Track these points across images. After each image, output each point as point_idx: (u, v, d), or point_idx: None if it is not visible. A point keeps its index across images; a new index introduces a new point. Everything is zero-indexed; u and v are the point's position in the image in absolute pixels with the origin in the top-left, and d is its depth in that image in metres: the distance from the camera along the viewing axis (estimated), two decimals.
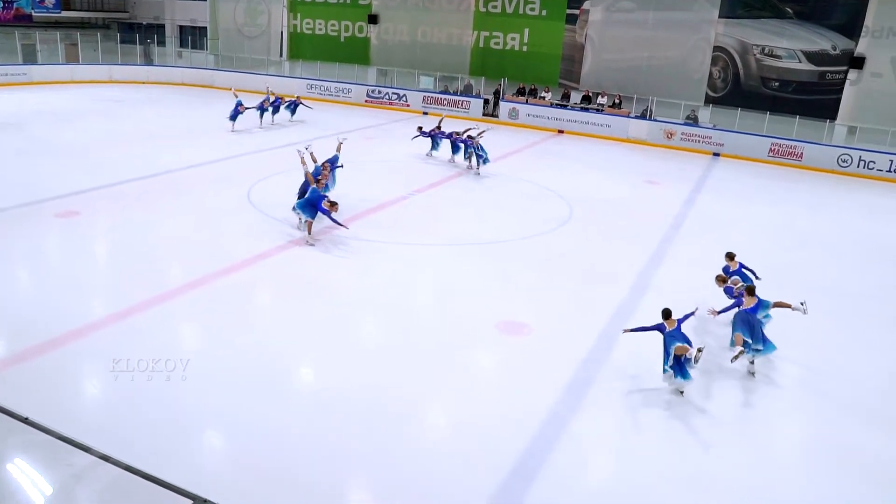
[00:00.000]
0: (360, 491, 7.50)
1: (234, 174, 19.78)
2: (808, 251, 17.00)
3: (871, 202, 23.78)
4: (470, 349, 10.72)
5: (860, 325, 12.93)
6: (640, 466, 8.23)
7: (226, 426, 8.44)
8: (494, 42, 36.55)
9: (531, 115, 33.59)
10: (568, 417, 9.06)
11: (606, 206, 19.54)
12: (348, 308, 11.85)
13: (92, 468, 3.67)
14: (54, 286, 11.88)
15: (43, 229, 14.48)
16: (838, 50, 29.55)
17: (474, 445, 8.31)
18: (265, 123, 28.13)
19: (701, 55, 32.08)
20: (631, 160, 27.57)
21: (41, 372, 9.15)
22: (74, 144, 22.31)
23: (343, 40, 40.16)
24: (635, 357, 10.77)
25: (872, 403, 10.09)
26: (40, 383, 8.84)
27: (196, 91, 37.84)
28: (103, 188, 17.57)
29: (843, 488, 8.13)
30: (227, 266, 13.10)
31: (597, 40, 34.08)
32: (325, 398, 9.13)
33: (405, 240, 15.37)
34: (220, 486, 6.91)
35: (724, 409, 9.59)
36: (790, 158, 28.90)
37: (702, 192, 22.63)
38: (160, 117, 29.20)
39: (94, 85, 36.36)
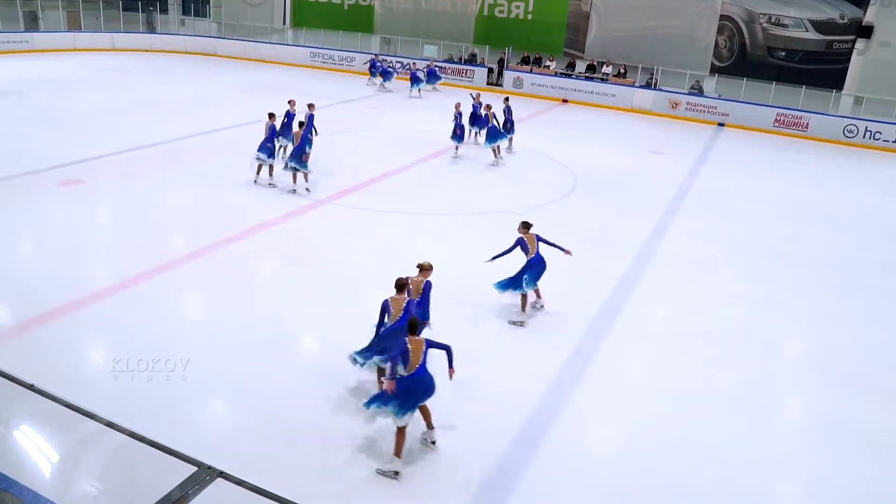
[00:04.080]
0: (362, 457, 7.59)
1: (237, 143, 19.72)
2: (812, 224, 16.97)
3: (876, 173, 23.72)
4: (472, 319, 10.76)
5: (862, 297, 12.94)
6: (641, 437, 8.31)
7: (229, 393, 8.53)
8: (499, 10, 36.19)
9: (535, 84, 33.36)
10: (570, 388, 9.13)
11: (610, 177, 19.49)
12: (351, 276, 11.90)
13: (97, 435, 3.72)
14: (58, 255, 11.94)
15: (47, 198, 14.52)
16: (846, 19, 29.22)
17: (476, 415, 8.39)
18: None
19: (707, 24, 31.77)
20: (635, 130, 27.43)
21: (46, 340, 9.24)
22: (78, 113, 22.27)
23: (347, 8, 39.81)
24: (637, 328, 10.83)
25: (873, 376, 10.14)
26: (45, 351, 8.93)
27: (199, 59, 37.64)
28: (107, 157, 17.58)
29: (843, 459, 8.21)
30: (230, 235, 13.13)
31: (602, 9, 33.73)
32: (327, 364, 9.20)
33: (409, 209, 15.37)
34: (224, 451, 6.98)
35: (726, 381, 9.65)
36: (796, 129, 28.73)
37: (706, 163, 22.54)
38: (163, 85, 29.07)
39: (97, 53, 36.18)
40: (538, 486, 7.26)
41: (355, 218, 14.66)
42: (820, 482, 7.87)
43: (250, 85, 30.46)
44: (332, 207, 15.11)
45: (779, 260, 14.25)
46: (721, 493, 7.44)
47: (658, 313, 11.43)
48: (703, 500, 7.32)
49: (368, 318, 9.97)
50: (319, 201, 15.24)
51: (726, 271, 13.43)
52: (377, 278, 11.99)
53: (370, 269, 12.25)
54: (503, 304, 10.99)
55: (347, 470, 7.34)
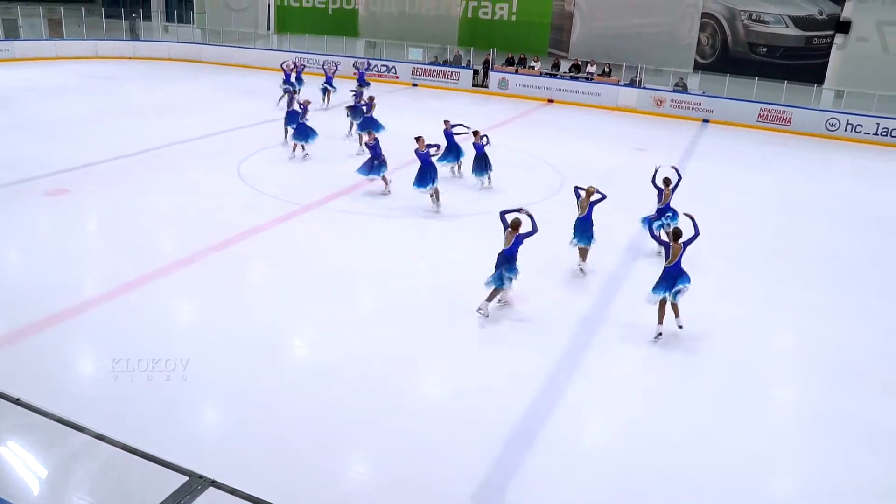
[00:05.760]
0: (357, 460, 7.58)
1: (224, 149, 19.68)
2: (798, 216, 17.10)
3: (858, 165, 23.92)
4: (465, 319, 10.75)
5: (853, 289, 13.03)
6: (637, 432, 8.33)
7: (222, 400, 8.50)
8: (483, 12, 36.19)
9: (521, 84, 33.41)
10: (562, 387, 9.14)
11: (597, 175, 19.47)
12: (342, 280, 11.87)
13: (87, 448, 3.69)
14: (46, 265, 11.84)
15: (33, 208, 14.40)
16: (825, 14, 29.45)
17: (471, 414, 8.39)
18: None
19: (689, 22, 31.90)
20: (621, 128, 27.53)
21: (33, 351, 9.16)
22: (62, 121, 22.12)
23: (331, 12, 39.70)
24: (630, 324, 10.86)
25: (865, 366, 10.21)
26: (33, 363, 8.85)
27: (183, 66, 37.49)
28: (92, 165, 17.47)
29: (837, 450, 8.25)
30: (220, 241, 13.08)
31: (585, 8, 33.81)
32: (321, 369, 9.19)
33: (398, 212, 15.35)
34: (217, 460, 6.95)
35: (719, 376, 9.68)
36: (779, 123, 28.92)
37: (691, 159, 22.63)
38: (148, 92, 28.94)
39: (80, 61, 35.91)
40: (533, 485, 7.26)
41: (345, 222, 14.65)
42: (815, 474, 7.92)
43: (235, 90, 30.39)
44: (321, 212, 15.08)
45: (768, 253, 14.33)
46: (716, 487, 7.46)
47: (649, 309, 11.46)
48: (698, 494, 7.34)
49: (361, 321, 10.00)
50: (307, 206, 15.20)
51: (716, 265, 13.48)
52: (368, 281, 12.02)
53: (361, 272, 12.25)
54: (493, 305, 10.97)
55: (342, 476, 7.32)
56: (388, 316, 10.79)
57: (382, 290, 11.72)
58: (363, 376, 8.96)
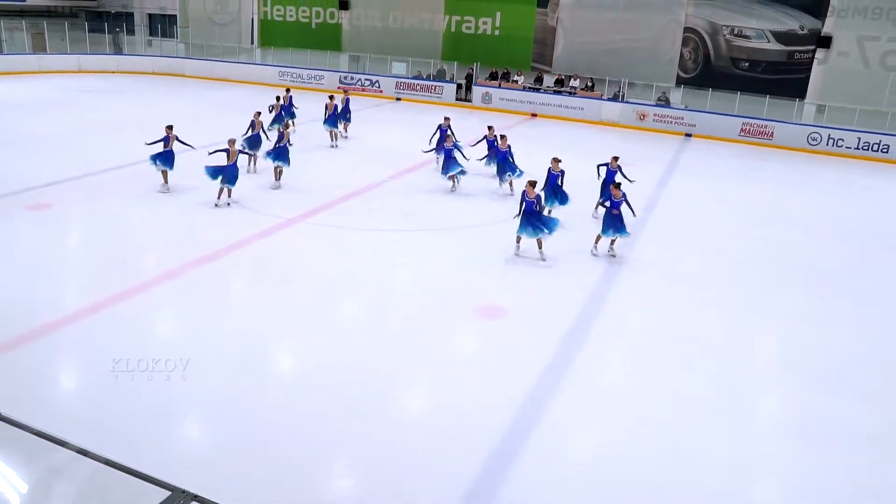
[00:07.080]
0: (341, 472, 7.54)
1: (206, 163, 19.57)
2: (781, 228, 17.26)
3: (840, 179, 24.17)
4: (448, 333, 10.78)
5: (832, 298, 13.17)
6: (621, 442, 8.34)
7: (205, 413, 8.45)
8: (466, 26, 36.42)
9: (504, 99, 33.58)
10: (546, 399, 9.15)
11: (580, 189, 19.60)
12: (326, 294, 11.86)
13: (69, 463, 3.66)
14: (27, 280, 11.72)
15: (15, 223, 14.31)
16: (805, 29, 29.84)
17: (454, 428, 8.37)
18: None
19: (672, 36, 32.23)
20: (604, 142, 27.64)
21: (14, 366, 9.07)
22: (45, 135, 22.01)
23: (314, 27, 39.83)
24: (614, 337, 10.89)
25: (846, 374, 10.31)
26: (13, 377, 8.77)
27: (167, 80, 37.41)
28: (75, 179, 17.39)
29: (820, 456, 8.32)
30: (203, 255, 13.03)
31: (568, 23, 34.09)
32: (305, 382, 9.17)
33: (381, 225, 15.37)
34: (202, 473, 6.91)
35: (703, 384, 9.73)
36: (761, 137, 29.21)
37: (674, 173, 22.81)
38: (131, 106, 28.83)
39: (63, 75, 35.81)
40: (519, 494, 7.24)
41: (328, 235, 14.63)
42: (798, 480, 7.95)
43: (219, 105, 30.36)
44: (303, 226, 15.06)
45: (751, 264, 14.45)
46: (700, 494, 7.48)
47: (633, 319, 11.53)
48: (683, 502, 7.36)
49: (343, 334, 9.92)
50: (291, 220, 15.19)
51: (700, 276, 13.59)
52: (352, 295, 12.02)
53: (344, 285, 12.25)
54: (480, 314, 10.99)
55: (325, 489, 7.29)
56: (372, 328, 10.78)
57: (366, 304, 11.71)
58: (346, 389, 8.93)
